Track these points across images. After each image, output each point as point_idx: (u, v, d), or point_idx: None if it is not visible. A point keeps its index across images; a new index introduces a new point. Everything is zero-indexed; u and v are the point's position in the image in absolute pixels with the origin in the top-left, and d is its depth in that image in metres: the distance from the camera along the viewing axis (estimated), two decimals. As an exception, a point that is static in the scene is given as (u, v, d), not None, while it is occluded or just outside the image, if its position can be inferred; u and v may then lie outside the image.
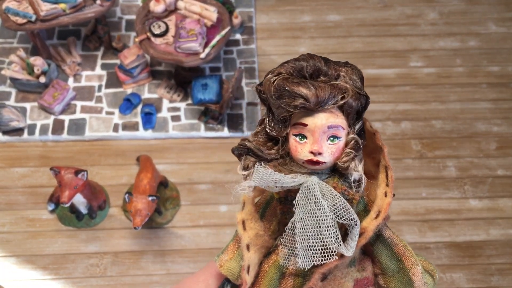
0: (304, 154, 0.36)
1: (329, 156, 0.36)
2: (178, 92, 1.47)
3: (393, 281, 0.39)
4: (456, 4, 1.71)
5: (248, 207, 0.40)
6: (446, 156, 1.41)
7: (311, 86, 0.35)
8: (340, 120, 0.36)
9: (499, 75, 1.56)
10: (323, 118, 0.36)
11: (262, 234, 0.39)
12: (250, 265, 0.39)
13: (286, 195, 0.38)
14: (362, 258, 0.40)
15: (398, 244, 0.39)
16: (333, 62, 0.38)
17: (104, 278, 1.21)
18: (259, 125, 0.40)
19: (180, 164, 1.37)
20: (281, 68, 0.37)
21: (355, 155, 0.37)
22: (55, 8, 1.34)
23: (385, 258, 0.39)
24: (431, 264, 0.41)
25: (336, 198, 0.36)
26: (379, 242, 0.39)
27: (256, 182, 0.37)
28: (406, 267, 0.39)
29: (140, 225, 1.08)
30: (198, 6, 1.40)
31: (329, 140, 0.36)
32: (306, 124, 0.36)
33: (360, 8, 1.70)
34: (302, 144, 0.36)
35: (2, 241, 1.26)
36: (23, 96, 1.46)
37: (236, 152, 0.40)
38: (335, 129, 0.36)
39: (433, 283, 0.41)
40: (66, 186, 1.08)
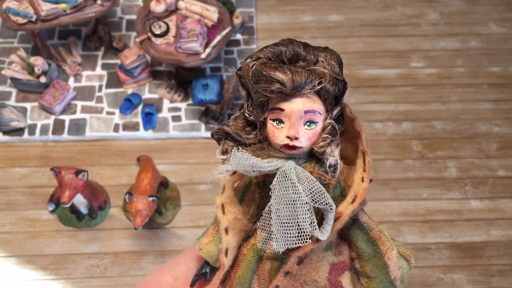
0: (281, 138, 0.36)
1: (305, 141, 0.36)
2: (179, 92, 1.47)
3: (368, 265, 0.40)
4: (457, 4, 1.71)
5: (228, 191, 0.40)
6: (447, 156, 1.40)
7: (287, 71, 0.35)
8: (317, 105, 0.36)
9: (500, 75, 1.55)
10: (300, 103, 0.36)
11: (240, 218, 0.40)
12: (228, 248, 0.40)
13: (264, 179, 0.39)
14: (339, 243, 0.40)
15: (374, 229, 0.40)
16: (313, 47, 0.38)
17: (105, 279, 1.21)
18: (239, 110, 0.40)
19: (181, 165, 1.37)
20: (260, 53, 0.37)
21: (332, 140, 0.37)
22: (55, 8, 1.34)
23: (361, 243, 0.40)
24: (407, 249, 0.42)
25: (312, 183, 0.36)
26: (355, 226, 0.40)
27: (233, 166, 0.37)
28: (381, 252, 0.39)
29: (140, 225, 1.08)
30: (199, 6, 1.40)
31: (306, 125, 0.36)
32: (283, 109, 0.36)
33: (361, 8, 1.69)
34: (279, 129, 0.37)
35: (3, 241, 1.26)
36: (23, 96, 1.46)
37: (215, 136, 0.40)
38: (311, 114, 0.36)
39: (408, 268, 0.41)
40: (66, 186, 1.08)
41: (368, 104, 1.49)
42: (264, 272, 0.40)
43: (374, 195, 1.33)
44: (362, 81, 1.53)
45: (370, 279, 0.40)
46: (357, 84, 1.53)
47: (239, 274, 0.40)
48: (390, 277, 0.40)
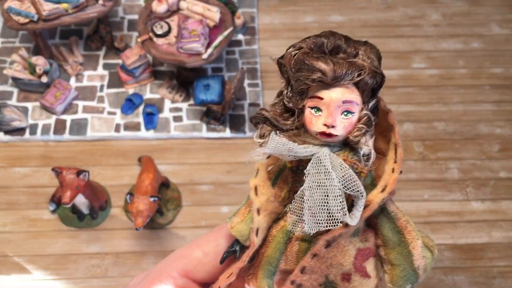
0: (318, 126, 0.38)
1: (341, 130, 0.38)
2: (180, 93, 1.47)
3: (393, 253, 0.41)
4: (459, 5, 1.71)
5: (262, 173, 0.41)
6: (448, 158, 1.40)
7: (329, 62, 0.37)
8: (354, 96, 0.38)
9: (502, 77, 1.55)
10: (339, 92, 0.37)
11: (272, 200, 0.41)
12: (259, 228, 0.41)
13: (298, 164, 0.40)
14: (366, 230, 0.41)
15: (401, 218, 0.41)
16: (353, 40, 0.39)
17: (105, 279, 1.21)
18: (277, 97, 0.41)
19: (182, 165, 1.37)
20: (302, 43, 0.39)
21: (367, 131, 0.38)
22: (57, 8, 1.34)
23: (387, 231, 0.41)
24: (431, 240, 0.43)
25: (345, 170, 0.37)
26: (383, 215, 0.41)
27: (271, 149, 0.38)
28: (407, 241, 0.41)
29: (141, 226, 1.08)
30: (201, 7, 1.40)
31: (343, 115, 0.38)
32: (322, 97, 0.38)
33: (363, 9, 1.69)
34: (317, 116, 0.38)
35: (4, 241, 1.26)
36: (25, 96, 1.46)
37: (253, 121, 0.41)
38: (349, 104, 0.37)
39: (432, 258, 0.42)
40: (67, 186, 1.08)
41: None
42: (292, 253, 0.41)
43: (375, 196, 1.33)
44: (364, 82, 1.53)
45: (394, 266, 0.41)
46: (359, 85, 1.52)
47: (267, 253, 0.42)
48: (413, 265, 0.41)
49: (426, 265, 0.42)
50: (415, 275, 0.42)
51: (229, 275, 0.42)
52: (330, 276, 0.41)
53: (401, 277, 0.41)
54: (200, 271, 0.43)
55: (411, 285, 0.42)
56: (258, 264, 0.43)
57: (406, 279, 0.41)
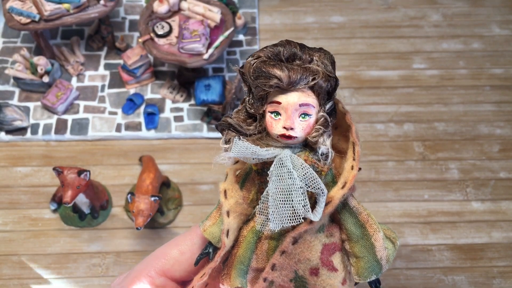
0: (278, 129, 0.40)
1: (300, 132, 0.40)
2: (181, 93, 1.48)
3: (357, 246, 0.43)
4: (460, 6, 1.71)
5: (230, 177, 0.44)
6: (448, 158, 1.40)
7: (284, 68, 0.39)
8: (310, 99, 0.40)
9: (502, 77, 1.55)
10: (295, 96, 0.40)
11: (241, 202, 0.44)
12: (229, 229, 0.43)
13: (263, 167, 0.42)
14: (330, 226, 0.44)
15: (362, 212, 0.43)
16: (308, 48, 0.42)
17: (106, 278, 1.22)
18: (241, 104, 0.44)
19: (183, 165, 1.38)
20: (260, 52, 0.41)
21: (324, 131, 0.41)
22: (59, 8, 1.34)
23: (350, 225, 0.43)
24: (393, 232, 0.46)
25: (306, 169, 0.40)
26: (345, 210, 0.43)
27: (235, 153, 0.41)
28: (369, 234, 0.43)
29: (142, 225, 1.08)
30: (202, 7, 1.40)
31: (301, 117, 0.40)
32: (280, 102, 0.40)
33: (364, 9, 1.70)
34: (277, 120, 0.40)
35: (5, 240, 1.26)
36: (26, 96, 1.47)
37: (219, 127, 0.44)
38: (306, 107, 0.40)
39: (394, 249, 0.45)
40: (68, 186, 1.09)
41: (370, 106, 1.49)
42: (262, 251, 0.44)
43: (375, 196, 1.34)
44: (364, 82, 1.54)
45: (359, 258, 0.44)
46: (359, 85, 1.53)
47: (239, 253, 0.44)
48: (376, 256, 0.43)
49: (388, 255, 0.44)
50: (379, 266, 0.44)
51: (202, 275, 0.44)
52: (299, 271, 0.43)
53: (366, 269, 0.44)
54: (177, 269, 0.45)
55: (376, 276, 0.44)
56: (231, 264, 0.45)
57: (371, 270, 0.44)
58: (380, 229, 0.44)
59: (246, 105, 0.43)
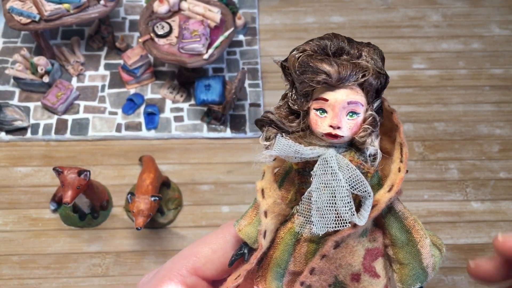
0: (324, 127, 0.38)
1: (347, 131, 0.38)
2: (181, 93, 1.48)
3: (402, 252, 0.41)
4: (460, 6, 1.71)
5: (268, 176, 0.41)
6: (448, 158, 1.41)
7: (333, 63, 0.37)
8: (359, 97, 0.38)
9: (502, 77, 1.56)
10: (344, 94, 0.37)
11: (279, 203, 0.41)
12: (266, 230, 0.41)
13: (304, 166, 0.40)
14: (374, 230, 0.41)
15: (409, 217, 0.41)
16: (356, 42, 0.40)
17: (106, 278, 1.22)
18: (282, 99, 0.41)
19: (183, 165, 1.38)
20: (306, 46, 0.39)
21: (372, 131, 0.39)
22: (59, 8, 1.34)
23: (395, 230, 0.41)
24: (439, 239, 0.43)
25: (351, 171, 0.38)
26: (391, 215, 0.41)
27: (277, 152, 0.39)
28: (415, 240, 0.41)
29: (142, 225, 1.08)
30: (202, 7, 1.40)
31: (348, 116, 0.38)
32: (327, 99, 0.38)
33: (364, 9, 1.70)
34: (322, 118, 0.38)
35: (5, 240, 1.26)
36: (26, 96, 1.47)
37: (259, 123, 0.41)
38: (354, 105, 0.38)
39: (440, 256, 0.42)
40: (69, 186, 1.09)
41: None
42: (301, 254, 0.41)
43: (375, 196, 1.34)
44: (364, 82, 1.54)
45: (403, 265, 0.41)
46: (359, 85, 1.53)
47: (276, 255, 0.42)
48: (422, 264, 0.41)
49: (435, 263, 0.42)
50: (424, 274, 0.41)
51: (236, 277, 0.42)
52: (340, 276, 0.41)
53: (410, 276, 0.41)
54: (209, 268, 0.43)
55: (421, 284, 0.41)
56: (266, 266, 0.43)
57: (416, 278, 0.41)
58: (427, 236, 0.41)
59: (289, 101, 0.40)
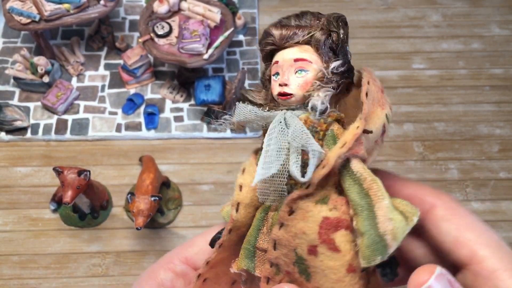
0: (276, 89, 0.38)
1: (296, 88, 0.38)
2: (181, 93, 1.48)
3: (360, 219, 0.35)
4: (460, 6, 1.71)
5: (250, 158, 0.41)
6: (448, 158, 1.41)
7: (279, 26, 0.39)
8: (307, 54, 0.38)
9: (502, 77, 1.56)
10: (290, 52, 0.38)
11: None
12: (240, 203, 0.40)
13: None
14: (337, 198, 0.37)
15: (367, 178, 0.37)
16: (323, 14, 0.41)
17: (106, 278, 1.22)
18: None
19: (183, 165, 1.38)
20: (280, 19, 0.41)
21: (321, 86, 0.38)
22: (59, 8, 1.34)
23: (354, 195, 0.36)
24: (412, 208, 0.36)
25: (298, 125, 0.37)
26: (348, 176, 0.37)
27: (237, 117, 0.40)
28: (372, 202, 0.36)
29: (142, 225, 1.08)
30: (202, 7, 1.40)
31: (297, 74, 0.38)
32: (277, 60, 0.39)
33: (363, 10, 1.70)
34: (276, 81, 0.39)
35: (5, 240, 1.26)
36: (26, 96, 1.47)
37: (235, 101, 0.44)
38: (301, 62, 0.38)
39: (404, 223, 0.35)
40: (68, 186, 1.08)
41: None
42: (268, 228, 0.40)
43: (375, 196, 1.34)
44: (364, 82, 1.54)
45: (362, 236, 0.35)
46: (359, 85, 1.53)
47: (248, 232, 0.41)
48: (378, 229, 0.34)
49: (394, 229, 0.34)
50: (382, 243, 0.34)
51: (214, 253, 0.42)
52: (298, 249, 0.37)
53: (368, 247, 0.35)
54: (200, 258, 0.44)
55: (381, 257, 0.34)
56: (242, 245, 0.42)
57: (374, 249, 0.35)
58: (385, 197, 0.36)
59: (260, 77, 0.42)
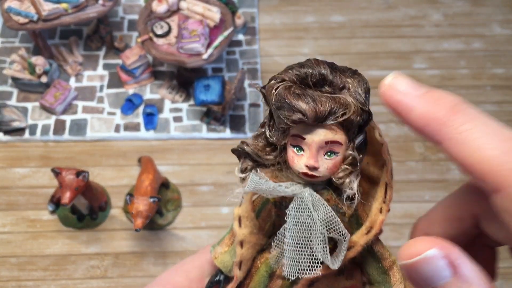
0: (300, 166, 0.36)
1: (324, 171, 0.36)
2: (180, 93, 1.47)
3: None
4: (461, 5, 1.70)
5: (246, 204, 0.40)
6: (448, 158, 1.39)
7: (310, 101, 0.34)
8: (338, 136, 0.36)
9: (503, 77, 1.55)
10: (321, 134, 0.35)
11: (256, 232, 0.40)
12: (242, 260, 0.40)
13: (281, 200, 0.39)
14: (351, 267, 0.40)
15: (387, 259, 0.39)
16: (340, 70, 0.36)
17: (105, 280, 1.21)
18: (260, 128, 0.39)
19: (182, 166, 1.37)
20: (285, 75, 0.36)
21: (351, 172, 0.36)
22: (57, 8, 1.34)
23: (372, 270, 0.39)
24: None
25: (327, 212, 0.36)
26: (368, 254, 0.39)
27: (250, 189, 0.37)
28: (391, 282, 0.39)
29: (141, 226, 1.07)
30: (201, 7, 1.39)
31: (326, 155, 0.36)
32: (304, 137, 0.35)
33: (364, 9, 1.69)
34: (299, 156, 0.36)
35: (3, 241, 1.25)
36: (24, 96, 1.46)
37: (235, 153, 0.40)
38: (332, 145, 0.35)
39: None
40: (67, 187, 1.08)
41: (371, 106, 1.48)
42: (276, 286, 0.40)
43: (376, 197, 1.33)
44: (365, 82, 1.53)
45: None
46: (360, 85, 1.52)
47: (251, 286, 0.41)
48: None
49: None
50: None
51: None
52: None
53: None
54: None
55: None
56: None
57: None
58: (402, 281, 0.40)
59: (266, 132, 0.38)
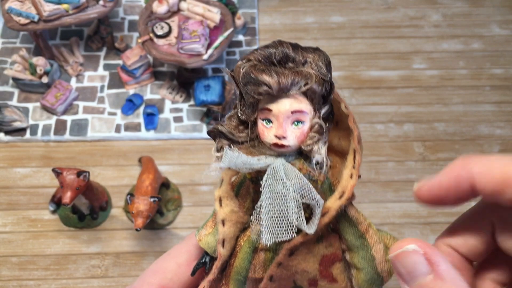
0: (270, 137, 0.38)
1: (293, 140, 0.38)
2: (181, 93, 1.47)
3: (357, 257, 0.41)
4: (460, 6, 1.71)
5: (225, 185, 0.42)
6: (448, 158, 1.40)
7: (274, 74, 0.37)
8: (303, 105, 0.38)
9: (502, 77, 1.55)
10: (287, 103, 0.37)
11: (236, 211, 0.42)
12: (225, 238, 0.41)
13: (257, 175, 0.40)
14: (330, 235, 0.41)
15: (362, 222, 0.41)
16: (302, 48, 0.39)
17: (106, 279, 1.21)
18: (233, 109, 0.42)
19: (182, 165, 1.37)
20: (251, 55, 0.39)
21: (319, 139, 0.39)
22: (58, 8, 1.34)
23: (349, 236, 0.41)
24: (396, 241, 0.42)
25: (299, 179, 0.38)
26: (344, 220, 0.41)
27: (225, 164, 0.39)
28: (369, 245, 0.41)
29: (141, 226, 1.08)
30: (201, 7, 1.40)
31: (293, 125, 0.38)
32: (271, 109, 0.38)
33: (364, 9, 1.69)
34: (269, 128, 0.38)
35: (4, 241, 1.26)
36: (25, 96, 1.47)
37: (210, 135, 0.42)
38: (298, 114, 0.38)
39: None
40: (68, 187, 1.08)
41: (370, 106, 1.49)
42: (259, 262, 0.42)
43: (375, 196, 1.33)
44: (364, 82, 1.53)
45: (359, 270, 0.41)
46: (359, 85, 1.52)
47: (236, 263, 0.42)
48: (377, 269, 0.41)
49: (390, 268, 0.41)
50: (379, 279, 0.41)
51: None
52: (298, 281, 0.41)
53: (366, 281, 0.41)
54: (175, 283, 0.44)
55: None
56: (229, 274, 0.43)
57: (371, 283, 0.41)
58: (381, 241, 0.41)
59: (238, 111, 0.41)
